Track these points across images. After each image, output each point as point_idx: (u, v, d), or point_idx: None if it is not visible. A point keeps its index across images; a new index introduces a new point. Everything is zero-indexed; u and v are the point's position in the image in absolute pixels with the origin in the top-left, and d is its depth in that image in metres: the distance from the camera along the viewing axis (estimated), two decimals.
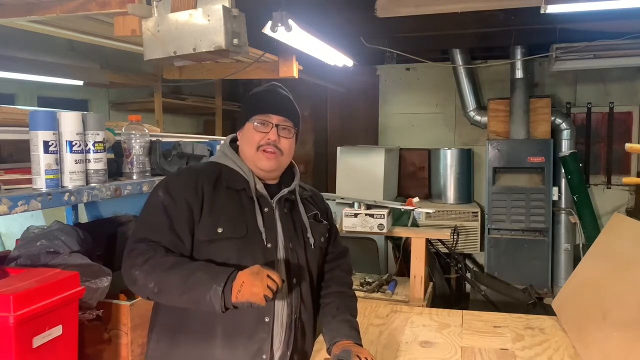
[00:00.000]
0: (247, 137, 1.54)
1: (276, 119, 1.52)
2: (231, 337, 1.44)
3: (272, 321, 1.46)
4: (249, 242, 1.47)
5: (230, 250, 1.44)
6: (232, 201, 1.49)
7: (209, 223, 1.44)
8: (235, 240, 1.45)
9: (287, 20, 2.42)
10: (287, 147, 1.54)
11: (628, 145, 2.32)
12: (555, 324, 1.97)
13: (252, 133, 1.52)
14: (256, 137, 1.51)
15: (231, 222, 1.46)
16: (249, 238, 1.46)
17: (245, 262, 1.40)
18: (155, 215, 1.45)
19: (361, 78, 5.52)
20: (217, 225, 1.44)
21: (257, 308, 1.34)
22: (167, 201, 1.45)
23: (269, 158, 1.51)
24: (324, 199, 1.76)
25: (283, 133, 1.53)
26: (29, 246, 1.65)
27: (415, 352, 1.74)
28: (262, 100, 1.56)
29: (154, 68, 4.22)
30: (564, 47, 4.21)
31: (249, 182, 1.52)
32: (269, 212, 1.52)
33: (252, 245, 1.47)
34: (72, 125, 1.52)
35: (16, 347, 1.24)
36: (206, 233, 1.44)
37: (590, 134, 5.20)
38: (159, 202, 1.46)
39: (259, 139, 1.51)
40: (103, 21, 2.05)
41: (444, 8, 2.89)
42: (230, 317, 1.38)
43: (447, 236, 3.48)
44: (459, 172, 5.29)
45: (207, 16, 1.54)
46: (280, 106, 1.55)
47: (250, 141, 1.53)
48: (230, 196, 1.49)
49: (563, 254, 4.91)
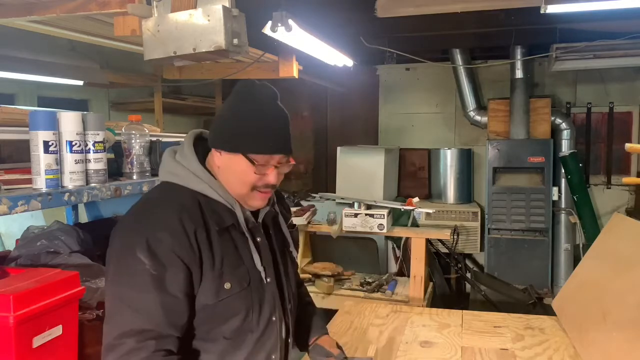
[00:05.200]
0: (237, 172, 1.24)
1: (278, 158, 1.25)
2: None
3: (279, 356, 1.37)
4: (254, 289, 1.27)
5: (237, 305, 1.23)
6: (226, 244, 1.24)
7: (213, 281, 1.20)
8: (242, 292, 1.24)
9: (287, 20, 2.42)
10: (281, 179, 1.30)
11: (628, 145, 2.32)
12: (555, 324, 1.97)
13: (246, 172, 1.23)
14: (252, 178, 1.23)
15: (234, 272, 1.23)
16: (252, 283, 1.27)
17: (253, 312, 1.25)
18: (141, 291, 1.11)
19: (361, 78, 5.52)
20: (223, 281, 1.21)
21: (266, 350, 1.30)
22: (154, 267, 1.11)
23: (264, 198, 1.29)
24: (281, 193, 1.54)
25: (282, 169, 1.28)
26: (29, 246, 1.65)
27: (415, 352, 1.74)
28: (261, 134, 1.22)
29: (154, 68, 4.22)
30: (564, 47, 4.21)
31: (237, 215, 1.26)
32: (262, 241, 1.33)
33: (257, 290, 1.28)
34: (72, 125, 1.52)
35: (16, 347, 1.24)
36: (212, 294, 1.19)
37: (590, 134, 5.20)
38: (143, 271, 1.11)
39: (255, 180, 1.24)
40: (103, 21, 2.05)
41: (444, 8, 2.89)
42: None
43: (447, 236, 3.48)
44: (459, 172, 5.29)
45: (207, 16, 1.54)
46: (282, 141, 1.25)
47: (243, 180, 1.24)
48: (223, 238, 1.23)
49: (563, 254, 4.91)
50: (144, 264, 1.11)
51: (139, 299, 1.11)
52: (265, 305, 1.30)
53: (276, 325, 1.35)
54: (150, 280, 1.11)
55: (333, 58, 3.63)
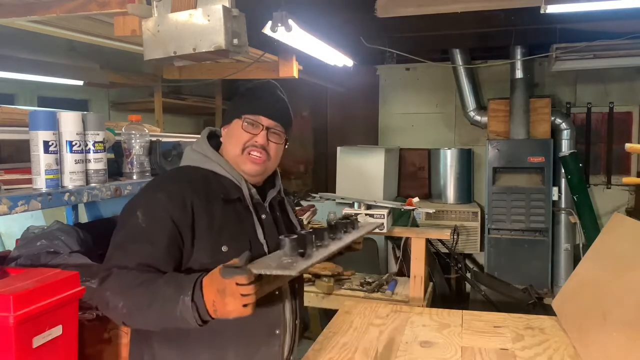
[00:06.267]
0: (233, 135, 1.42)
1: (267, 122, 1.41)
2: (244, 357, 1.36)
3: (283, 332, 1.42)
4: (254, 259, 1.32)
5: None
6: (229, 214, 1.36)
7: (210, 242, 1.31)
8: None
9: (287, 20, 2.42)
10: (274, 152, 1.44)
11: (628, 145, 2.31)
12: (555, 324, 1.96)
13: (239, 132, 1.41)
14: (243, 137, 1.40)
15: (234, 238, 1.34)
16: (253, 254, 1.31)
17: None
18: (132, 239, 1.27)
19: (361, 78, 5.52)
20: (220, 244, 1.31)
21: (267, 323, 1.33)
22: (146, 222, 1.27)
23: (255, 162, 1.40)
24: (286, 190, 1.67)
25: (273, 138, 1.43)
26: (29, 246, 1.65)
27: (415, 352, 1.74)
28: (255, 99, 1.44)
29: (154, 68, 4.22)
30: (564, 47, 4.21)
31: (243, 190, 1.40)
32: (266, 219, 1.43)
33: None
34: (72, 125, 1.52)
35: (16, 347, 1.24)
36: (208, 253, 1.30)
37: (590, 134, 5.20)
38: (136, 225, 1.28)
39: (246, 139, 1.40)
40: (103, 21, 2.05)
41: (444, 8, 2.89)
42: (241, 334, 1.33)
43: (447, 236, 3.48)
44: (459, 172, 5.30)
45: (207, 16, 1.54)
46: (275, 109, 1.44)
47: (236, 140, 1.41)
48: (227, 208, 1.36)
49: (563, 254, 4.91)
50: (138, 219, 1.28)
51: (128, 245, 1.27)
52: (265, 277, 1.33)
53: (280, 300, 1.40)
54: (141, 231, 1.27)
55: (333, 58, 3.63)
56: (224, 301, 1.09)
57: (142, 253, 1.24)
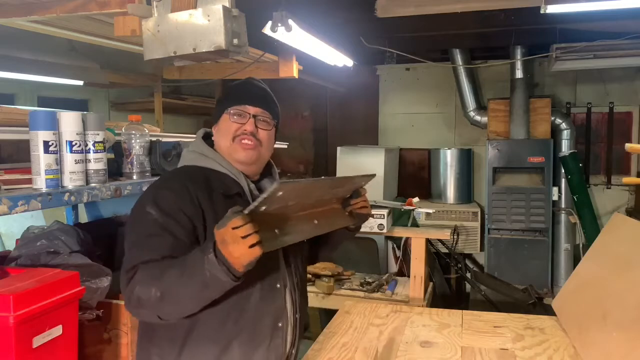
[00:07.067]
0: (222, 128, 1.47)
1: (254, 109, 1.46)
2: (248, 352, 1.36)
3: (285, 325, 1.43)
4: None
5: None
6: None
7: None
8: None
9: (287, 20, 2.42)
10: (266, 138, 1.47)
11: (628, 145, 2.31)
12: (555, 324, 1.96)
13: (227, 124, 1.45)
14: (232, 127, 1.44)
15: None
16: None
17: (253, 275, 1.26)
18: (151, 234, 1.27)
19: (361, 78, 5.52)
20: None
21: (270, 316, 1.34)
22: (162, 218, 1.28)
23: (246, 148, 1.43)
24: None
25: (261, 125, 1.46)
26: (29, 246, 1.65)
27: (415, 352, 1.74)
28: (238, 92, 1.49)
29: (154, 68, 4.22)
30: (564, 47, 4.21)
31: (242, 185, 1.44)
32: None
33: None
34: (72, 125, 1.52)
35: (16, 347, 1.24)
36: None
37: (590, 134, 5.20)
38: (153, 220, 1.28)
39: (235, 128, 1.44)
40: (103, 21, 2.04)
41: (444, 8, 2.89)
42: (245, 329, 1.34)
43: (447, 236, 3.48)
44: (459, 172, 5.29)
45: (207, 16, 1.54)
46: (258, 97, 1.49)
47: (225, 132, 1.45)
48: (228, 203, 1.33)
49: (563, 254, 4.91)
50: (152, 215, 1.28)
51: (148, 241, 1.26)
52: (266, 269, 1.35)
53: (281, 293, 1.42)
54: (158, 225, 1.26)
55: (333, 58, 3.63)
56: (228, 250, 1.10)
57: (165, 245, 1.25)
